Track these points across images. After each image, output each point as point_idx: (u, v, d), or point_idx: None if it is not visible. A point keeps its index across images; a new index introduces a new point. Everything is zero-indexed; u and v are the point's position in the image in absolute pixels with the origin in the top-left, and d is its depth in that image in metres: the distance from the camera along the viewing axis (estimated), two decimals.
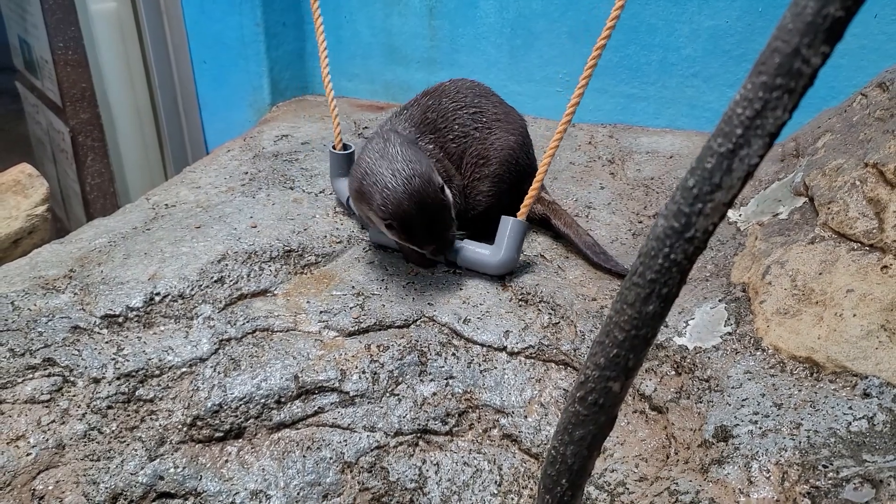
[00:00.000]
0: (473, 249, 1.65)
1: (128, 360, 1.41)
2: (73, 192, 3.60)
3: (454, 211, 1.55)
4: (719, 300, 1.42)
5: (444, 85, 1.78)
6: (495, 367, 1.44)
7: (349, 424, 1.38)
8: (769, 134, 0.56)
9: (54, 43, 3.20)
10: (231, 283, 1.59)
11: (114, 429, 1.34)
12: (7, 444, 1.29)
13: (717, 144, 0.58)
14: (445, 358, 1.45)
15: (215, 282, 1.58)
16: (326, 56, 1.82)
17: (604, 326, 0.67)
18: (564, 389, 1.41)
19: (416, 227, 1.47)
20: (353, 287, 1.61)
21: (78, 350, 1.41)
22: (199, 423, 1.36)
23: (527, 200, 1.63)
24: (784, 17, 0.53)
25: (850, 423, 1.05)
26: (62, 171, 3.67)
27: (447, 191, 1.52)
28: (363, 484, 1.33)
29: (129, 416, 1.36)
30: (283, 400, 1.39)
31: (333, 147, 1.90)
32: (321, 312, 1.54)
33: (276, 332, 1.50)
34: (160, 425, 1.36)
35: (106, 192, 3.42)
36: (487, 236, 1.71)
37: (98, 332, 1.46)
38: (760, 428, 1.09)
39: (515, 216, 1.62)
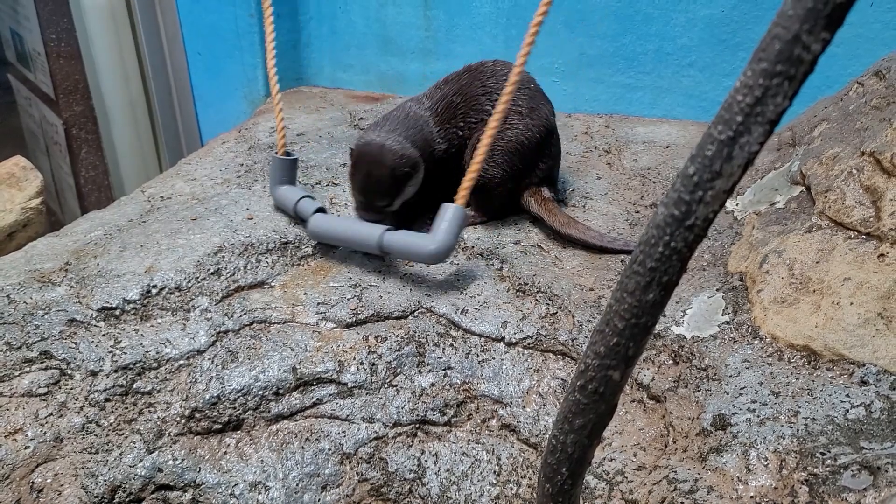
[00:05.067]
0: (409, 240, 1.53)
1: (125, 353, 1.41)
2: (66, 185, 3.58)
3: (401, 197, 1.66)
4: (717, 289, 1.42)
5: (485, 65, 1.79)
6: (493, 358, 1.44)
7: (347, 416, 1.38)
8: (769, 121, 0.56)
9: (47, 35, 3.18)
10: (228, 276, 1.59)
11: (112, 421, 1.34)
12: (5, 437, 1.29)
13: (717, 132, 0.57)
14: (443, 349, 1.45)
15: (212, 274, 1.58)
16: (274, 53, 1.80)
17: (604, 315, 0.67)
18: (562, 379, 1.41)
19: (355, 178, 1.66)
20: (350, 278, 1.61)
21: (75, 343, 1.41)
22: (198, 416, 1.36)
23: (465, 183, 1.53)
24: (784, 3, 0.52)
25: (847, 411, 1.05)
26: (56, 164, 3.65)
27: (412, 177, 1.64)
28: (362, 475, 1.33)
29: (126, 408, 1.36)
30: (281, 392, 1.39)
31: (276, 152, 1.79)
32: (318, 304, 1.54)
33: (274, 324, 1.50)
34: (158, 418, 1.36)
35: (100, 184, 3.41)
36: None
37: (95, 325, 1.46)
38: (758, 416, 1.09)
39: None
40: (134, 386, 1.38)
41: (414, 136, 1.67)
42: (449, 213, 1.52)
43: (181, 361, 1.42)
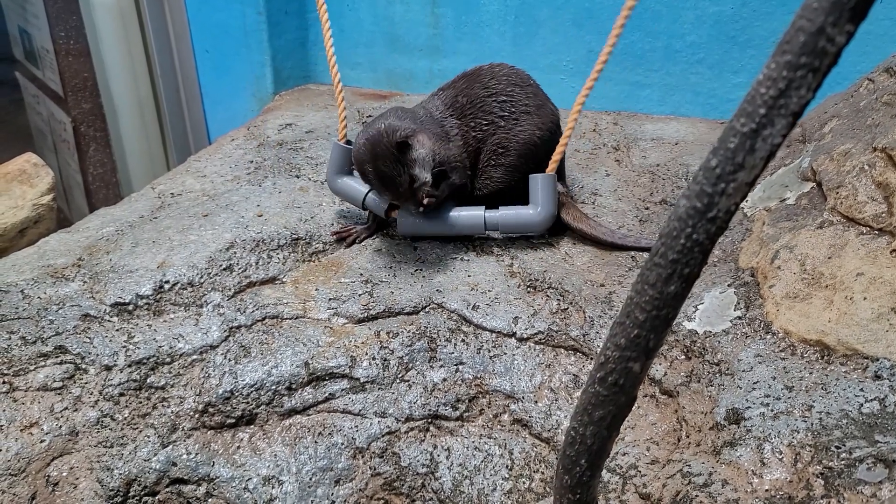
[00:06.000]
0: (514, 213, 1.68)
1: (139, 348, 1.42)
2: (74, 182, 3.59)
3: (418, 165, 1.56)
4: (728, 285, 1.42)
5: (482, 69, 1.78)
6: (505, 353, 1.45)
7: (360, 410, 1.39)
8: (793, 113, 0.56)
9: (55, 33, 3.19)
10: (240, 271, 1.60)
11: (126, 416, 1.35)
12: (21, 430, 1.30)
13: (740, 124, 0.58)
14: (455, 344, 1.46)
15: (224, 270, 1.59)
16: (332, 45, 1.79)
17: (624, 307, 0.67)
18: (574, 374, 1.41)
19: (369, 173, 1.58)
20: (361, 274, 1.62)
21: (89, 338, 1.42)
22: (211, 410, 1.37)
23: (554, 156, 1.69)
24: None
25: (861, 405, 1.06)
26: (64, 162, 3.67)
27: (413, 144, 1.55)
28: (375, 469, 1.34)
29: (141, 403, 1.37)
30: (293, 386, 1.40)
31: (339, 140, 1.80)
32: (330, 300, 1.54)
33: (286, 319, 1.51)
34: (172, 412, 1.36)
35: (108, 181, 3.42)
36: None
37: (108, 320, 1.47)
38: (772, 410, 1.10)
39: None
40: (148, 380, 1.39)
41: (413, 118, 1.64)
42: (542, 183, 1.67)
43: (194, 356, 1.43)
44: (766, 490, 1.00)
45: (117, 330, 1.45)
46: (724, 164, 0.59)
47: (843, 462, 0.97)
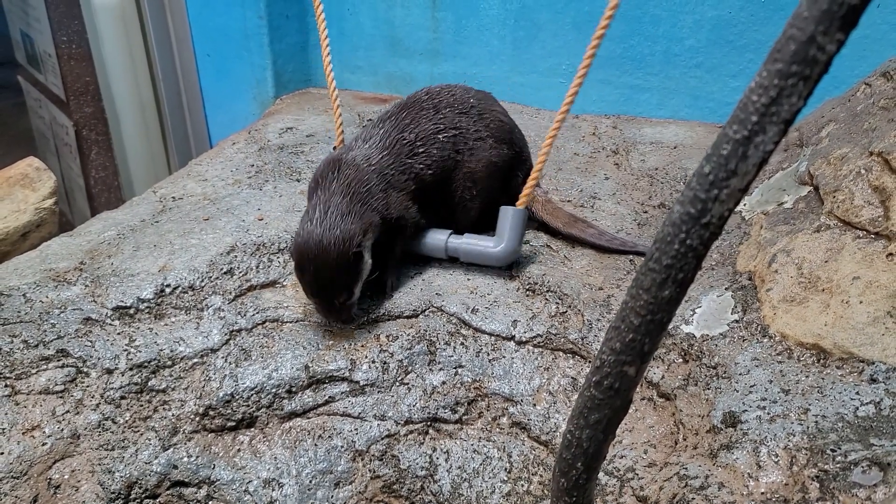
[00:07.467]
0: (475, 243, 1.63)
1: (140, 351, 1.42)
2: (76, 186, 3.60)
3: (360, 281, 1.47)
4: (725, 288, 1.43)
5: (421, 100, 1.68)
6: (504, 357, 1.46)
7: (360, 413, 1.39)
8: (784, 121, 0.57)
9: (58, 37, 3.21)
10: (240, 275, 1.60)
11: (127, 419, 1.36)
12: (23, 434, 1.30)
13: (732, 131, 0.59)
14: (454, 347, 1.46)
15: (225, 273, 1.60)
16: (329, 52, 1.78)
17: (619, 312, 0.68)
18: (572, 378, 1.42)
19: (304, 279, 1.44)
20: None
21: (90, 341, 1.43)
22: (212, 413, 1.38)
23: (526, 190, 1.59)
24: (800, 5, 0.53)
25: (857, 408, 1.06)
26: (66, 165, 3.68)
27: (363, 258, 1.46)
28: (374, 472, 1.35)
29: (142, 406, 1.38)
30: (293, 389, 1.41)
31: (334, 147, 1.82)
32: None
33: (286, 322, 1.52)
34: (173, 415, 1.37)
35: (110, 185, 3.43)
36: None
37: (110, 324, 1.48)
38: (768, 413, 1.10)
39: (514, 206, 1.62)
40: (149, 384, 1.40)
41: (357, 201, 1.49)
42: (511, 216, 1.60)
43: (195, 360, 1.43)
44: (762, 493, 1.00)
45: (119, 333, 1.46)
46: (717, 171, 0.60)
47: (838, 465, 0.98)
